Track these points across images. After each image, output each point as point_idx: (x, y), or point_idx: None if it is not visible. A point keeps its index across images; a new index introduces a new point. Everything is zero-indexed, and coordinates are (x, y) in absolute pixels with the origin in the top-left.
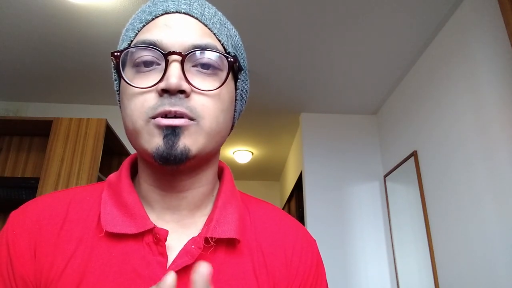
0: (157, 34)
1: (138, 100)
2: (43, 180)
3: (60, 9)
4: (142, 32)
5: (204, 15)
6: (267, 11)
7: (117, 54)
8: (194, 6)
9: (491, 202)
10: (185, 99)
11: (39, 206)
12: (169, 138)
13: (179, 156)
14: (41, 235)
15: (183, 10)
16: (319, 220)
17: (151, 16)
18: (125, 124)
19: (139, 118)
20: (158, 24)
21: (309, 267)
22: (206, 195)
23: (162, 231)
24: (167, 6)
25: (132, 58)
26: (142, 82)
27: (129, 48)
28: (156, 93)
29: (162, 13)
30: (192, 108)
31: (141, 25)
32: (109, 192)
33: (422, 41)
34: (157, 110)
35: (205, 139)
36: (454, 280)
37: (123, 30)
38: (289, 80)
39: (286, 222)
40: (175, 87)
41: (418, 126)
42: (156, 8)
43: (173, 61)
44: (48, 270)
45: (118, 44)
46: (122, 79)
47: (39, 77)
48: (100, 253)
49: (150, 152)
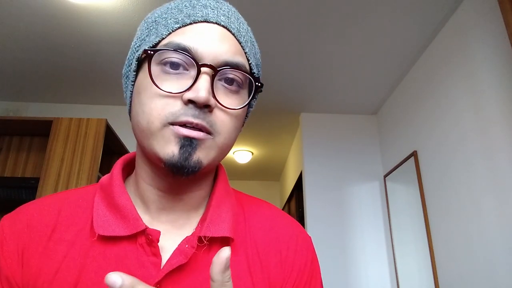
0: (193, 41)
1: (160, 101)
2: (43, 180)
3: (60, 9)
4: (177, 34)
5: (240, 31)
6: (267, 11)
7: (151, 53)
8: (232, 20)
9: (491, 202)
10: (207, 113)
11: (30, 210)
12: (186, 149)
13: (192, 169)
14: (31, 238)
15: (222, 22)
16: (319, 220)
17: (189, 20)
18: (138, 121)
19: (156, 119)
20: (195, 30)
21: (304, 264)
22: (203, 197)
23: (155, 232)
24: (206, 14)
25: (161, 56)
26: (167, 84)
27: (166, 50)
28: (181, 100)
29: (201, 20)
30: (213, 123)
31: (177, 25)
32: (101, 195)
33: (422, 41)
34: (178, 118)
35: (216, 153)
36: (454, 280)
37: (150, 19)
38: (289, 80)
39: (280, 219)
40: (203, 101)
41: (418, 126)
42: (195, 12)
43: (205, 73)
44: (36, 273)
45: (140, 31)
46: (149, 77)
47: (39, 77)
48: (95, 256)
49: (162, 157)
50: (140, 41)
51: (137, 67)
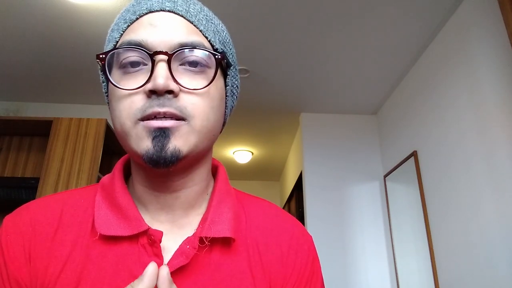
0: (142, 34)
1: (126, 101)
2: (43, 180)
3: (60, 9)
4: (127, 33)
5: (189, 12)
6: (267, 11)
7: (103, 57)
8: (179, 3)
9: (491, 202)
10: (173, 99)
11: (32, 210)
12: (158, 140)
13: (169, 159)
14: (36, 239)
15: (168, 8)
16: (319, 220)
17: (135, 16)
18: (114, 126)
19: (127, 119)
20: (143, 23)
21: (305, 263)
22: (200, 193)
23: (157, 233)
24: (151, 5)
25: (118, 59)
26: (129, 83)
27: (114, 50)
28: (144, 94)
29: (146, 12)
30: (182, 108)
31: (126, 25)
32: (103, 195)
33: (422, 41)
34: (145, 112)
35: (196, 138)
36: (454, 280)
37: (108, 31)
38: (289, 80)
39: (281, 218)
40: (162, 88)
41: (418, 126)
42: (140, 7)
43: (160, 61)
44: (43, 274)
45: (104, 45)
46: (109, 81)
47: (39, 77)
48: (96, 255)
49: (140, 154)
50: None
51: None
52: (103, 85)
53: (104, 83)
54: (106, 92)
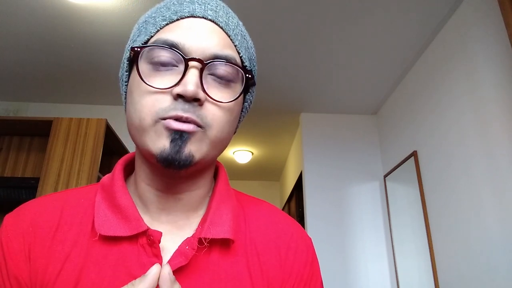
0: (180, 36)
1: (150, 98)
2: (43, 180)
3: (60, 9)
4: (164, 31)
5: (228, 25)
6: (267, 11)
7: (138, 50)
8: (220, 14)
9: (491, 202)
10: (197, 107)
11: (33, 209)
12: (176, 142)
13: (183, 162)
14: (36, 237)
15: (210, 16)
16: (319, 220)
17: (176, 16)
18: (132, 119)
19: (148, 116)
20: (182, 26)
21: (304, 265)
22: (202, 197)
23: (156, 233)
24: (193, 9)
25: (150, 55)
26: (156, 81)
27: (152, 46)
28: (170, 96)
29: (188, 15)
30: (203, 116)
31: (164, 23)
32: (103, 195)
33: (422, 41)
34: (168, 113)
35: (209, 147)
36: (454, 280)
37: (141, 20)
38: (289, 80)
39: (281, 220)
40: (191, 95)
41: (418, 126)
42: (182, 8)
43: (193, 67)
44: (42, 272)
45: (132, 33)
46: (138, 75)
47: (39, 77)
48: (95, 256)
49: (154, 152)
50: (132, 42)
51: (129, 67)
52: (125, 74)
53: (127, 72)
54: (126, 82)
